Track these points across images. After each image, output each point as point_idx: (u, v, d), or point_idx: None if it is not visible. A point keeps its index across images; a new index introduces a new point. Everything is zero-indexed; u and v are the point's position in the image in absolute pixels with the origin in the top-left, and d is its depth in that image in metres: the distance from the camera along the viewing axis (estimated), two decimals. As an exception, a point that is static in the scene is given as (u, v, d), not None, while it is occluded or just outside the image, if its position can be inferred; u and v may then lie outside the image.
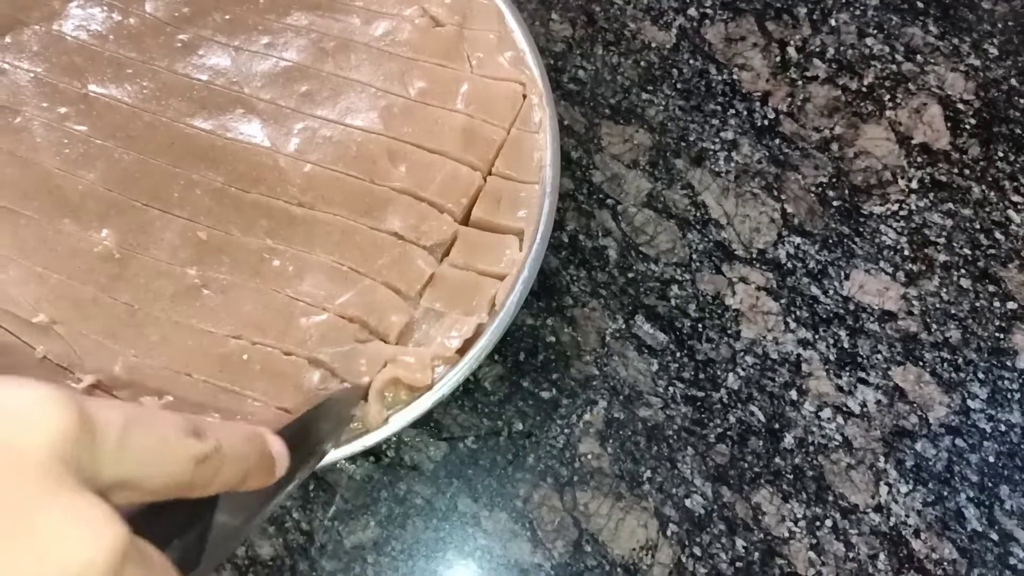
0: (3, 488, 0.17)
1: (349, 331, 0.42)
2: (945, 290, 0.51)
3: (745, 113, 0.55)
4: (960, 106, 0.55)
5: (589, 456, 0.47)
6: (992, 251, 0.52)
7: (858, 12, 0.58)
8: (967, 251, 0.52)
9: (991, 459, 0.47)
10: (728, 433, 0.48)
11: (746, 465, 0.47)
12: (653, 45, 0.57)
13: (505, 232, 0.45)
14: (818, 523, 0.46)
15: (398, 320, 0.42)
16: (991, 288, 0.51)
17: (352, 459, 0.47)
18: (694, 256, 0.51)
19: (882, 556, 0.45)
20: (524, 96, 0.47)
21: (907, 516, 0.46)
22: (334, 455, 0.40)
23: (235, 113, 0.46)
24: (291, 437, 0.30)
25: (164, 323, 0.42)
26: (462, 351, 0.42)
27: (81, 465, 0.19)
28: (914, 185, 0.53)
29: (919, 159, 0.54)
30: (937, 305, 0.51)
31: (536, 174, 0.45)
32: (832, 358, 0.49)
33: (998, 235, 0.52)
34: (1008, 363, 0.49)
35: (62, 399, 0.19)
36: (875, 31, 0.57)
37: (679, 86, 0.56)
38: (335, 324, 0.42)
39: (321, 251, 0.43)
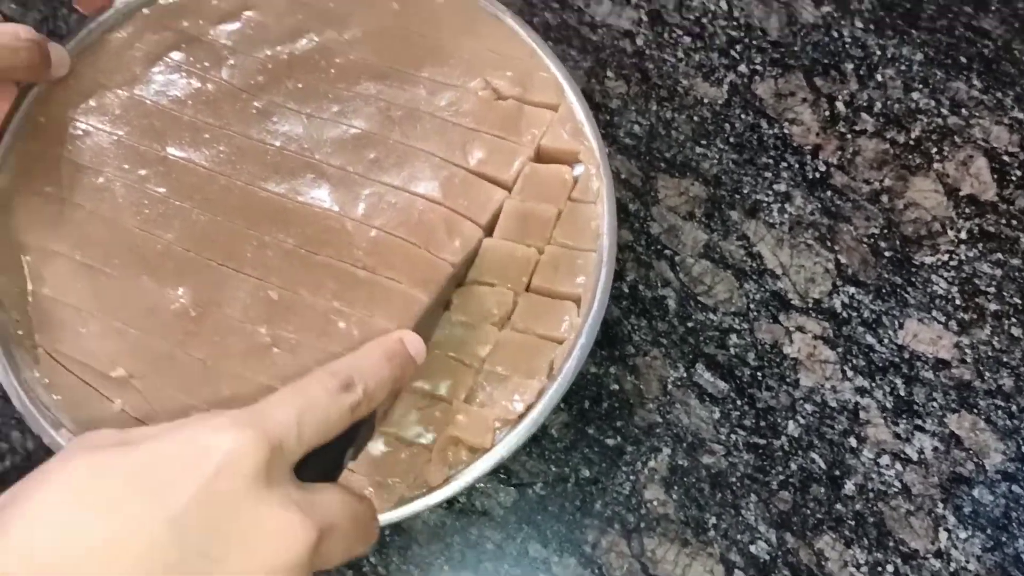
0: (229, 503, 0.23)
1: (410, 399, 0.44)
2: (997, 339, 0.52)
3: (797, 166, 0.57)
4: (1006, 158, 0.57)
5: (655, 502, 0.49)
6: (1042, 300, 0.53)
7: (903, 68, 0.60)
8: (1017, 300, 0.53)
9: (1049, 506, 0.49)
10: (790, 480, 0.49)
11: (808, 511, 0.48)
12: (705, 101, 0.59)
13: (564, 298, 0.46)
14: (880, 568, 0.47)
15: (459, 387, 0.44)
16: (1042, 337, 0.52)
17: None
18: (751, 306, 0.53)
19: (945, 602, 0.46)
20: (575, 179, 0.48)
21: (967, 561, 0.47)
22: (415, 507, 0.42)
23: (306, 178, 0.47)
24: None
25: (236, 379, 0.43)
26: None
27: (279, 469, 0.25)
28: (963, 236, 0.55)
29: (967, 210, 0.56)
30: (990, 353, 0.52)
31: (593, 242, 0.46)
32: (889, 406, 0.51)
33: (1047, 284, 0.54)
34: (1063, 411, 0.51)
35: (253, 436, 0.24)
36: (920, 86, 0.59)
37: (732, 140, 0.58)
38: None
39: (382, 317, 0.44)
